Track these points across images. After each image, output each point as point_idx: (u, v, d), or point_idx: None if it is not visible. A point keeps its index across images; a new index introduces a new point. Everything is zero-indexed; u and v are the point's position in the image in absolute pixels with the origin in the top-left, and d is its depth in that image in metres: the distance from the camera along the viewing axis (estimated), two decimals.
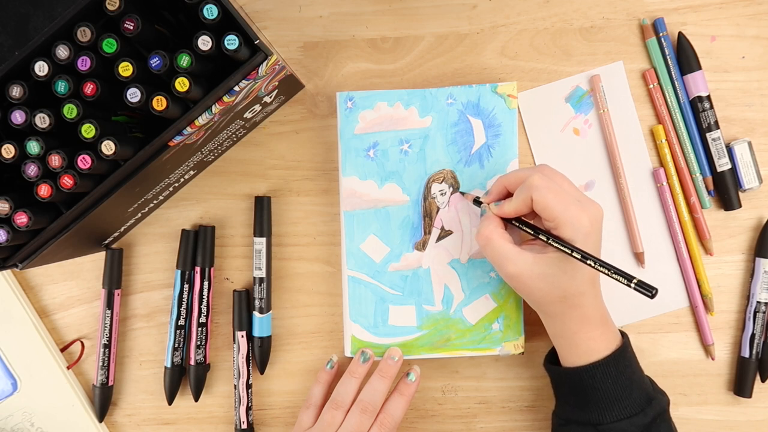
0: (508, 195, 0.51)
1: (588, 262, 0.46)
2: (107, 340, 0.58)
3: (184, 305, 0.58)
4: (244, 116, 0.53)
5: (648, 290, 0.44)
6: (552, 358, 0.53)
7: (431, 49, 0.58)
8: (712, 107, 0.56)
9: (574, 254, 0.46)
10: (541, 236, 0.48)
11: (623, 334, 0.52)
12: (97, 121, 0.41)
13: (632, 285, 0.44)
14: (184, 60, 0.41)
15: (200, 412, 0.60)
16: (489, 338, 0.56)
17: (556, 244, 0.47)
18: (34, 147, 0.42)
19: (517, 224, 0.50)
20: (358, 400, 0.53)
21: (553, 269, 0.47)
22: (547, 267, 0.48)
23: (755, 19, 0.57)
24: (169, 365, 0.58)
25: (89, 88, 0.41)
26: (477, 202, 0.54)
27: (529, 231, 0.49)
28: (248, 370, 0.58)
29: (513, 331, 0.56)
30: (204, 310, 0.58)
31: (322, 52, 0.59)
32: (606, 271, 0.45)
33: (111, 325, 0.58)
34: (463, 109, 0.56)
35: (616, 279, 0.45)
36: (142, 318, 0.60)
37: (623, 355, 0.49)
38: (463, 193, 0.56)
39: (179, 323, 0.58)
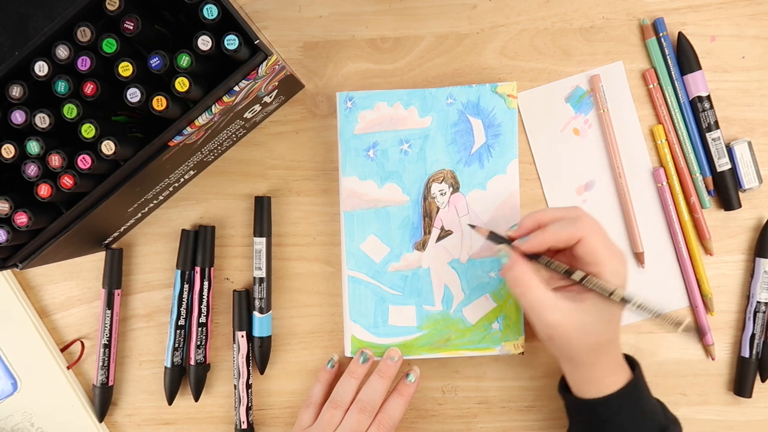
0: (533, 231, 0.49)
1: (630, 304, 0.45)
2: (107, 340, 0.58)
3: (184, 305, 0.58)
4: (244, 116, 0.53)
5: (695, 333, 0.44)
6: (566, 383, 0.53)
7: (431, 49, 0.58)
8: (712, 107, 0.56)
9: (615, 296, 0.45)
10: (575, 277, 0.47)
11: (633, 363, 0.51)
12: (97, 121, 0.41)
13: (679, 330, 0.44)
14: (184, 60, 0.41)
15: (200, 412, 0.60)
16: (489, 338, 0.56)
17: (596, 288, 0.46)
18: (34, 147, 0.42)
19: (545, 264, 0.48)
20: (356, 399, 0.53)
21: (592, 317, 0.46)
22: (586, 315, 0.46)
23: (755, 19, 0.57)
24: (169, 365, 0.58)
25: (89, 88, 0.41)
26: (495, 237, 0.51)
27: (561, 272, 0.48)
28: (248, 370, 0.58)
29: (513, 330, 0.56)
30: (204, 310, 0.58)
31: (322, 52, 0.59)
32: (652, 313, 0.45)
33: (111, 325, 0.58)
34: (462, 109, 0.56)
35: (663, 323, 0.44)
36: (142, 318, 0.60)
37: (636, 388, 0.49)
38: (473, 227, 0.54)
39: (179, 323, 0.58)
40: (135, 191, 0.49)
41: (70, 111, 0.41)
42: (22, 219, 0.42)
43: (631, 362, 0.52)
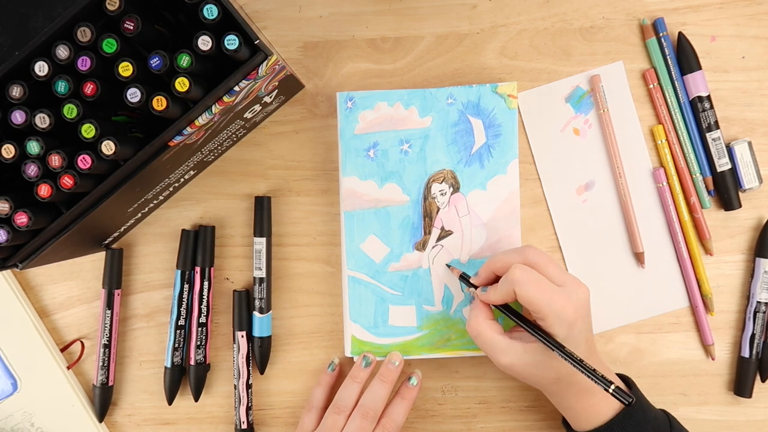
0: (497, 279, 0.51)
1: (567, 360, 0.46)
2: (107, 340, 0.58)
3: (184, 305, 0.58)
4: (244, 116, 0.53)
5: (625, 398, 0.44)
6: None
7: (431, 49, 0.58)
8: (712, 107, 0.56)
9: (555, 351, 0.46)
10: (524, 326, 0.49)
11: (629, 384, 0.51)
12: (97, 121, 0.41)
13: (610, 390, 0.44)
14: (184, 60, 0.41)
15: (200, 412, 0.60)
16: None
17: (539, 338, 0.48)
18: (34, 147, 0.42)
19: (503, 311, 0.51)
20: (359, 405, 0.53)
21: (543, 356, 0.48)
22: (537, 354, 0.48)
23: (755, 19, 0.57)
24: (169, 365, 0.58)
25: (89, 88, 0.41)
26: (464, 279, 0.54)
27: (514, 319, 0.50)
28: (248, 370, 0.58)
29: None
30: (204, 310, 0.58)
31: (322, 52, 0.59)
32: (584, 371, 0.45)
33: (111, 325, 0.58)
34: (463, 109, 0.56)
35: (594, 381, 0.45)
36: (142, 318, 0.60)
37: (628, 415, 0.49)
38: (449, 266, 0.56)
39: (179, 323, 0.58)
40: (135, 191, 0.49)
41: (70, 111, 0.41)
42: (22, 219, 0.42)
43: (625, 380, 0.52)
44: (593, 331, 0.53)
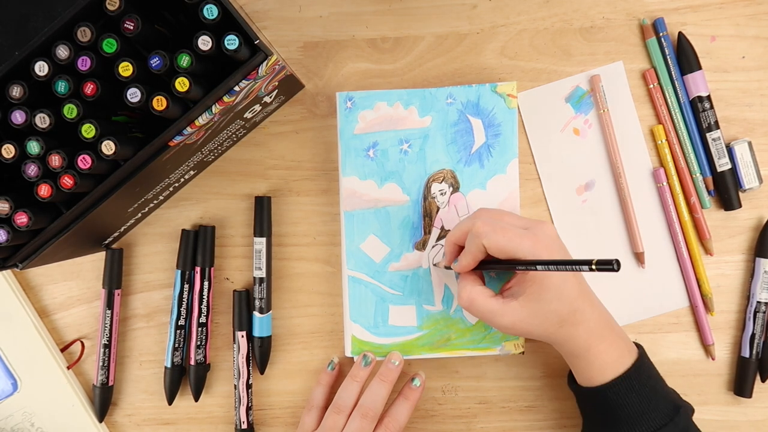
0: (461, 250, 0.51)
1: (550, 267, 0.44)
2: (107, 340, 0.58)
3: (184, 305, 0.58)
4: (244, 116, 0.53)
5: (608, 265, 0.41)
6: (574, 377, 0.53)
7: (431, 49, 0.58)
8: (712, 107, 0.56)
9: (538, 267, 0.45)
10: (504, 266, 0.49)
11: (638, 345, 0.51)
12: (97, 121, 0.41)
13: (594, 268, 0.42)
14: (184, 60, 0.41)
15: (200, 412, 0.60)
16: (489, 338, 0.56)
17: (521, 268, 0.47)
18: (34, 147, 0.42)
19: (483, 267, 0.51)
20: (358, 405, 0.53)
21: (539, 303, 0.47)
22: (533, 303, 0.47)
23: (755, 19, 0.57)
24: (169, 365, 0.58)
25: (89, 88, 0.41)
26: (447, 268, 0.54)
27: (494, 267, 0.50)
28: (248, 370, 0.58)
29: None
30: (204, 310, 0.58)
31: (322, 52, 0.59)
32: (565, 268, 0.44)
33: (111, 325, 0.58)
34: (462, 109, 0.56)
35: (578, 269, 0.43)
36: (142, 318, 0.60)
37: (642, 367, 0.49)
38: (435, 265, 0.57)
39: (179, 323, 0.58)
40: (135, 191, 0.49)
41: (70, 111, 0.41)
42: (22, 219, 0.42)
43: (637, 345, 0.51)
44: None
